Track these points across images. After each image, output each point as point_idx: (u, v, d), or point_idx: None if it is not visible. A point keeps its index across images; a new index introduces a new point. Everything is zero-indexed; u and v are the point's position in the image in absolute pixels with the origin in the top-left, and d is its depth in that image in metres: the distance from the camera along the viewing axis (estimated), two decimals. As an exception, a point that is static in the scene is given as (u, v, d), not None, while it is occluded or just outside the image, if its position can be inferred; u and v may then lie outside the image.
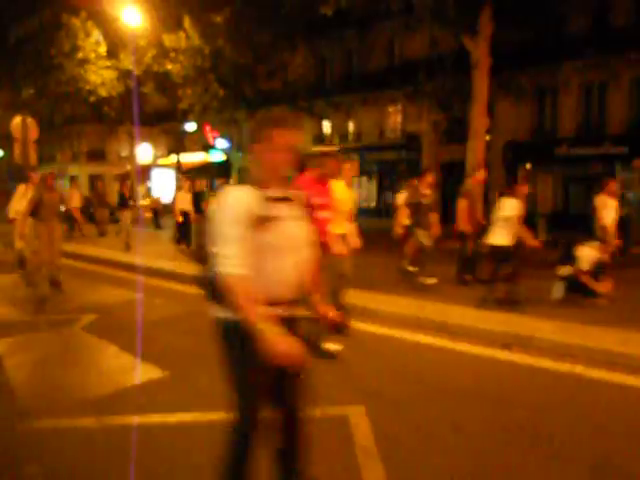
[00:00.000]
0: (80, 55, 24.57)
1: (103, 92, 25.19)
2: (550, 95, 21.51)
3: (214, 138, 31.21)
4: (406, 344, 5.66)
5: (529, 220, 17.61)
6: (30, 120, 14.27)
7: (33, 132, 14.27)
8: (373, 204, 27.11)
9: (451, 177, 23.15)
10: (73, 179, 21.87)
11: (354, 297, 7.30)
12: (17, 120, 14.01)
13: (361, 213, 25.70)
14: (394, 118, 26.69)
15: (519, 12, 16.05)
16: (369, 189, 27.60)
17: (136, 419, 3.81)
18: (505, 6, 14.40)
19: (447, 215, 23.01)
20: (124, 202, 15.11)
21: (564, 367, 4.86)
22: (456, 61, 18.78)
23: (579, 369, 4.80)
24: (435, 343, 5.63)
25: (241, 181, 2.36)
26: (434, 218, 9.00)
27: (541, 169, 22.01)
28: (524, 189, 7.45)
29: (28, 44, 36.55)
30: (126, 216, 14.66)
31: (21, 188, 9.68)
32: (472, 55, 14.27)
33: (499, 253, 7.01)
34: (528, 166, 22.27)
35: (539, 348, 5.32)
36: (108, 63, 24.90)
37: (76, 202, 16.79)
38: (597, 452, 3.35)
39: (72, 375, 4.89)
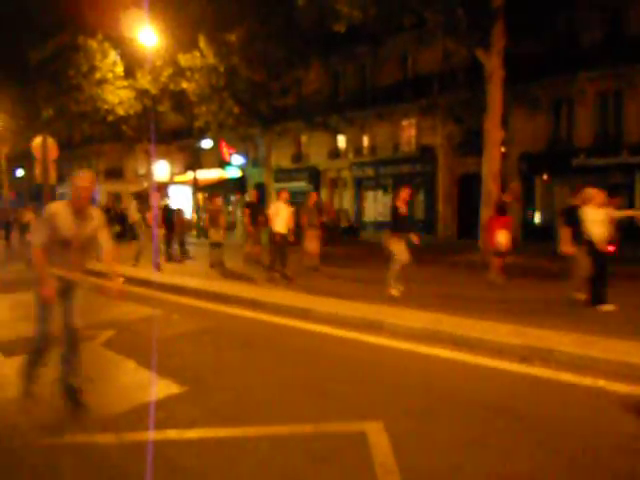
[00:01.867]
0: (98, 75, 25.08)
1: (121, 111, 25.64)
2: (565, 105, 21.36)
3: (230, 154, 31.47)
4: (424, 358, 5.60)
5: (549, 231, 17.39)
6: (50, 140, 14.54)
7: (53, 152, 14.54)
8: (389, 218, 27.03)
9: (467, 190, 23.09)
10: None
11: (371, 311, 7.29)
12: (38, 140, 14.29)
13: (377, 226, 25.77)
14: (408, 132, 26.68)
15: (532, 24, 16.06)
16: (384, 203, 27.54)
17: (154, 435, 3.81)
18: (518, 18, 14.42)
19: (463, 228, 22.97)
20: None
21: (586, 381, 4.77)
22: (469, 73, 18.79)
23: (601, 383, 4.71)
24: (453, 357, 5.57)
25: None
26: None
27: (558, 180, 21.81)
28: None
29: (48, 66, 37.36)
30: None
31: None
32: (486, 67, 14.28)
33: None
34: (545, 177, 22.11)
35: (559, 361, 5.24)
36: (125, 83, 25.37)
37: None
38: (621, 470, 3.27)
39: (90, 391, 4.91)
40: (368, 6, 14.52)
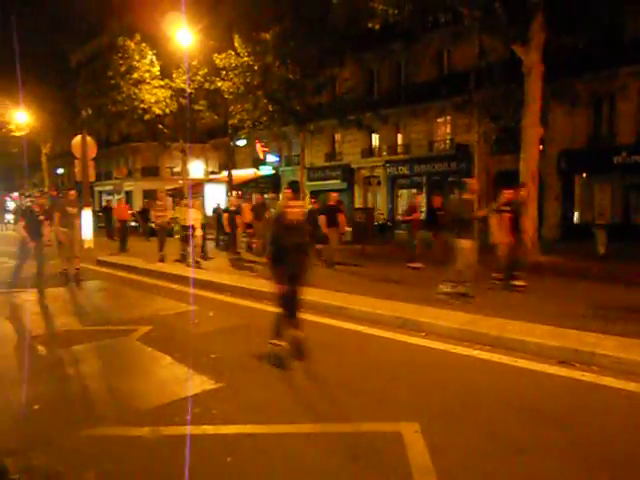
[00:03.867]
0: (135, 75, 25.55)
1: (157, 110, 26.05)
2: (607, 101, 20.76)
3: (264, 153, 31.66)
4: (460, 359, 5.51)
5: (586, 231, 16.91)
6: (89, 139, 14.86)
7: (92, 150, 14.87)
8: (422, 216, 26.78)
9: (503, 188, 22.65)
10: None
11: (407, 311, 7.21)
12: (77, 139, 14.63)
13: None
14: (443, 129, 26.37)
15: (572, 18, 15.63)
16: (419, 201, 27.27)
17: (190, 430, 3.85)
18: (557, 11, 14.05)
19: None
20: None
21: (630, 386, 4.61)
22: (506, 69, 18.43)
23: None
24: (491, 358, 5.47)
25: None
26: None
27: (598, 178, 21.23)
28: None
29: (87, 67, 38.30)
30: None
31: None
32: (524, 63, 13.96)
33: None
34: (584, 175, 21.55)
35: (601, 365, 5.08)
36: (162, 82, 25.77)
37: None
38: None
39: (128, 385, 5.00)
40: (404, 3, 14.36)
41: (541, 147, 15.61)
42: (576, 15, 15.12)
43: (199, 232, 13.68)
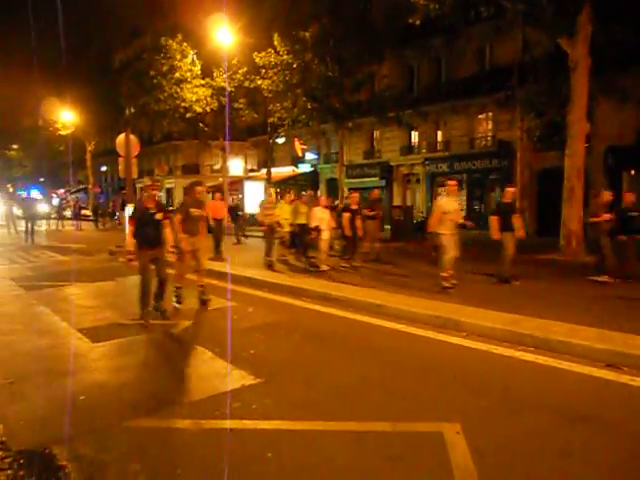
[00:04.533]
0: (177, 75, 26.04)
1: (198, 109, 26.48)
2: (658, 96, 19.97)
3: (303, 150, 31.75)
4: (504, 360, 5.39)
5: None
6: (133, 137, 15.17)
7: (135, 148, 15.17)
8: (463, 214, 26.37)
9: (547, 186, 22.15)
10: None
11: (446, 309, 7.10)
12: (121, 137, 14.95)
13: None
14: (484, 126, 25.89)
15: (620, 9, 15.10)
16: (459, 199, 26.86)
17: (230, 424, 3.88)
18: (605, 3, 13.60)
19: (543, 225, 22.04)
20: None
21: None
22: (551, 63, 17.96)
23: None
24: (534, 360, 5.33)
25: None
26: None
27: (647, 176, 20.48)
28: None
29: (130, 67, 39.25)
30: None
31: None
32: (570, 57, 13.57)
33: None
34: (633, 172, 20.82)
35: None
36: (202, 81, 26.18)
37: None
38: None
39: (169, 378, 5.09)
40: (445, -3, 14.15)
41: (587, 143, 15.16)
42: (625, 6, 14.61)
43: (326, 235, 11.46)
